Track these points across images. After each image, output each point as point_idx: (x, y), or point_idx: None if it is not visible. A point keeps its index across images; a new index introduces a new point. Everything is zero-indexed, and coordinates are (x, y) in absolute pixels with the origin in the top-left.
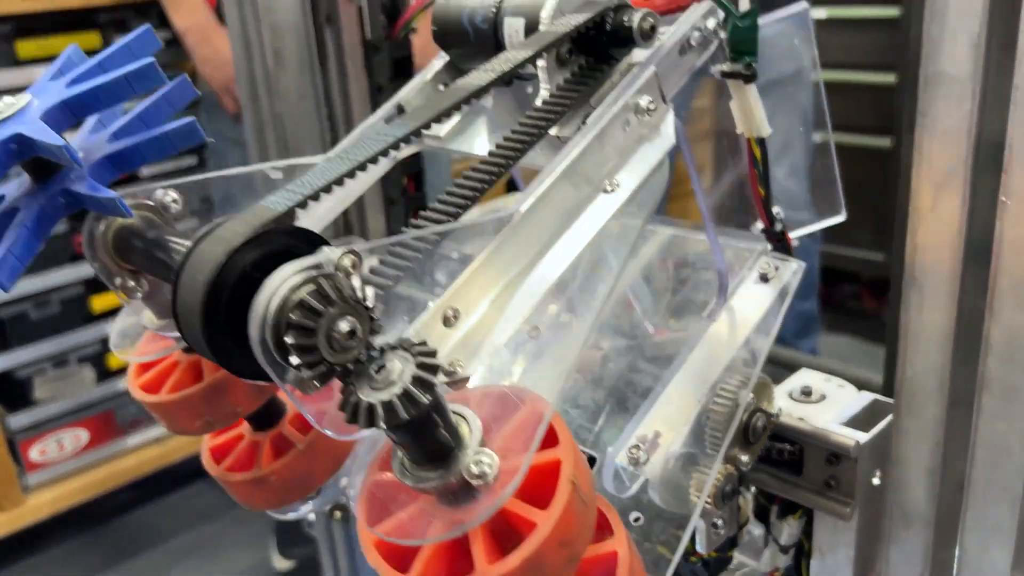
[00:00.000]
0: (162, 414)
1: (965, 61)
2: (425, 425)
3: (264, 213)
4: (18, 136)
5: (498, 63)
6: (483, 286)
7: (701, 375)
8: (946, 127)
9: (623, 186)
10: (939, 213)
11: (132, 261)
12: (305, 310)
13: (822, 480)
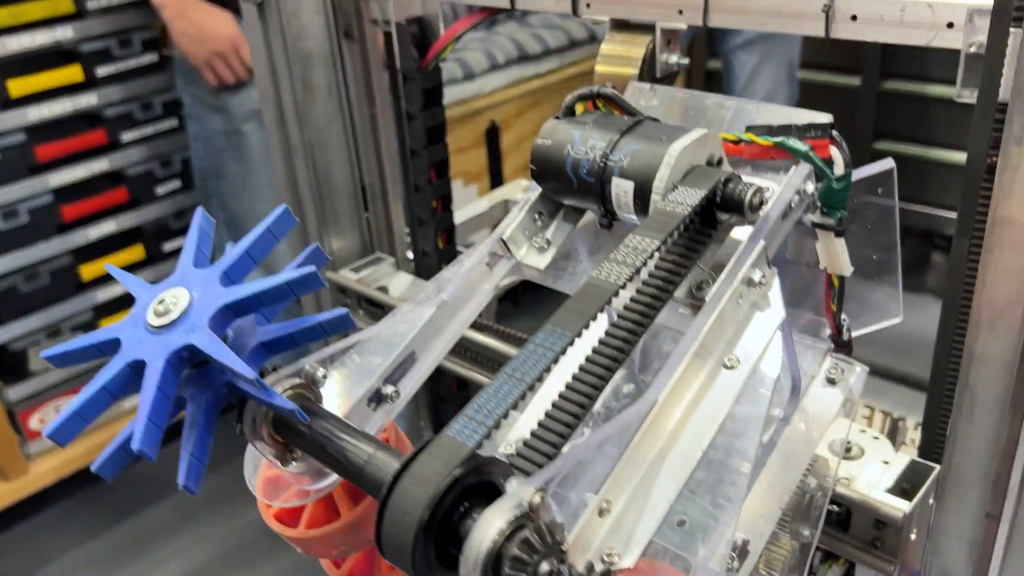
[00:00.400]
0: (300, 544)
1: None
2: None
3: (457, 450)
4: (191, 347)
5: (630, 255)
6: (629, 475)
7: (782, 479)
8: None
9: (743, 362)
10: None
11: (288, 438)
12: (516, 562)
13: (868, 539)
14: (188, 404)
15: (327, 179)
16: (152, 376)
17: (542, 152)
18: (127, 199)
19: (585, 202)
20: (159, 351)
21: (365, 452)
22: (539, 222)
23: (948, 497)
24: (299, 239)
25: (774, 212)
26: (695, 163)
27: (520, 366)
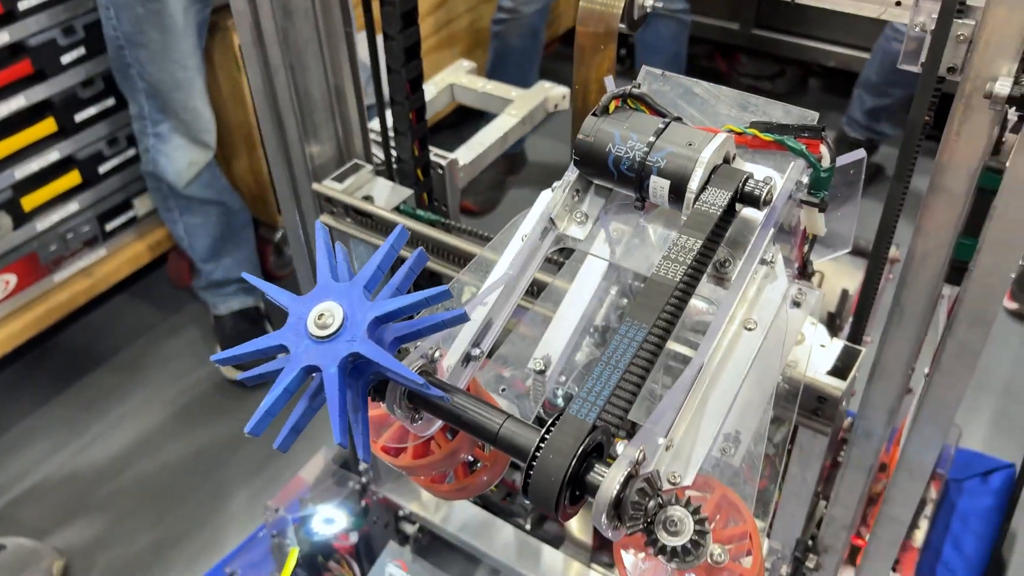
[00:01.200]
0: (406, 470)
1: None
2: (697, 548)
3: (581, 426)
4: (357, 355)
5: (681, 253)
6: (683, 417)
7: (760, 381)
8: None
9: (760, 324)
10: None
11: (426, 409)
12: (636, 506)
13: (811, 409)
14: (348, 392)
15: (306, 95)
16: (331, 380)
17: (586, 146)
18: (32, 71)
19: (623, 189)
20: (331, 359)
21: (495, 422)
22: (576, 198)
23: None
24: (280, 150)
25: (779, 202)
26: (718, 163)
27: (613, 355)
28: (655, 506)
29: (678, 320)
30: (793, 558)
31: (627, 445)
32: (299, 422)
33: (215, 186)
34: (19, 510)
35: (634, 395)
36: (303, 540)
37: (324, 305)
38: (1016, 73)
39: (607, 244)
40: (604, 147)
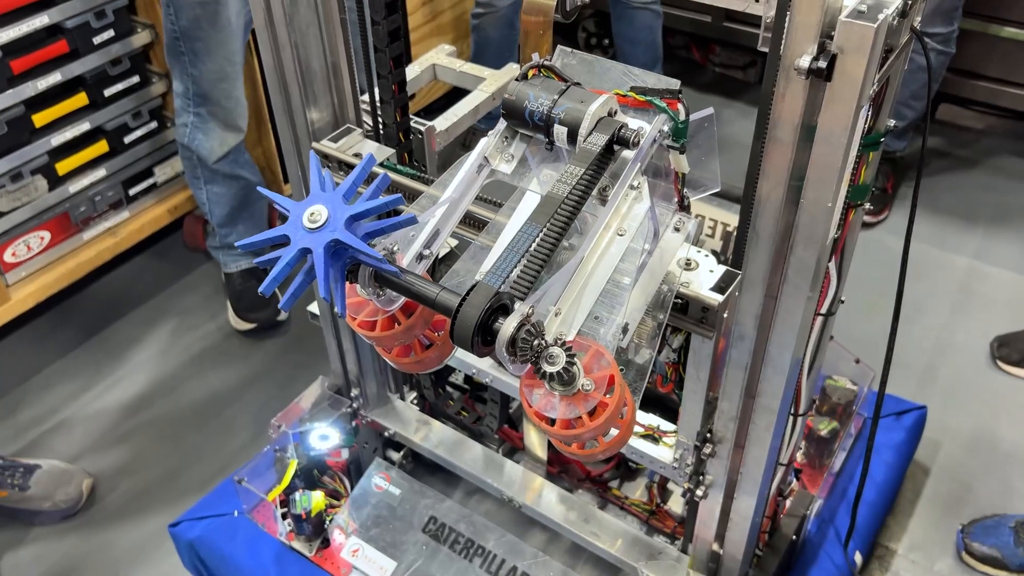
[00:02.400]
0: (374, 340)
1: None
2: (568, 375)
3: (489, 291)
4: (337, 241)
5: (568, 178)
6: (569, 294)
7: (646, 287)
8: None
9: (628, 231)
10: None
11: (386, 285)
12: (524, 341)
13: (698, 319)
14: (331, 269)
15: (308, 69)
16: (319, 257)
17: (510, 103)
18: (68, 50)
19: (536, 134)
20: (319, 242)
21: (433, 291)
22: (506, 142)
23: (745, 291)
24: (286, 115)
25: (646, 144)
26: (602, 115)
27: (515, 243)
28: (539, 344)
29: (570, 224)
30: (695, 448)
31: (520, 303)
32: (297, 289)
33: (240, 162)
34: (52, 439)
35: (531, 273)
36: (301, 455)
37: (314, 207)
38: (816, 53)
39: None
40: (522, 103)
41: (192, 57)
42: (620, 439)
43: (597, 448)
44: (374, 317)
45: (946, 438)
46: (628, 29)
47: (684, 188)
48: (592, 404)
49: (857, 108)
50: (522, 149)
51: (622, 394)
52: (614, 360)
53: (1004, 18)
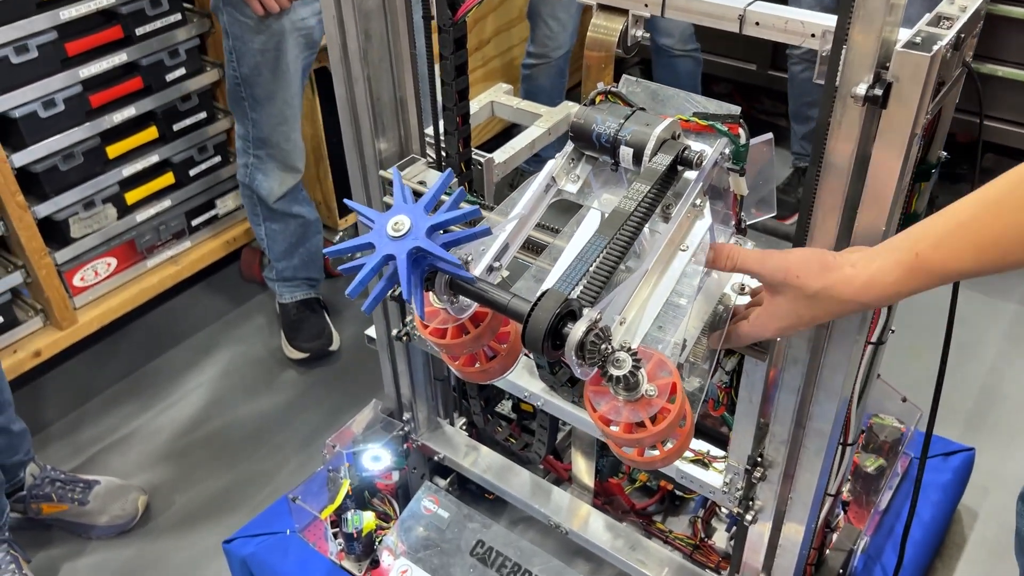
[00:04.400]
0: (444, 348)
1: None
2: (633, 379)
3: (559, 297)
4: (420, 248)
5: (634, 194)
6: (633, 305)
7: (703, 306)
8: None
9: (690, 247)
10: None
11: (460, 292)
12: (593, 345)
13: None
14: (411, 275)
15: (379, 101)
16: (402, 263)
17: (578, 126)
18: (142, 86)
19: (603, 156)
20: (402, 249)
21: (506, 297)
22: (572, 164)
23: None
24: (355, 146)
25: (708, 165)
26: (666, 138)
27: (584, 254)
28: (606, 349)
29: (635, 239)
30: (745, 472)
31: (588, 310)
32: (379, 294)
33: (298, 200)
34: (110, 457)
35: (598, 282)
36: (353, 475)
37: (397, 217)
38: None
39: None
40: (590, 126)
41: (252, 102)
42: (678, 449)
43: (656, 456)
44: (446, 325)
45: (994, 483)
46: (670, 76)
47: (741, 211)
48: (655, 410)
49: (911, 136)
50: (587, 171)
51: (683, 404)
52: (676, 369)
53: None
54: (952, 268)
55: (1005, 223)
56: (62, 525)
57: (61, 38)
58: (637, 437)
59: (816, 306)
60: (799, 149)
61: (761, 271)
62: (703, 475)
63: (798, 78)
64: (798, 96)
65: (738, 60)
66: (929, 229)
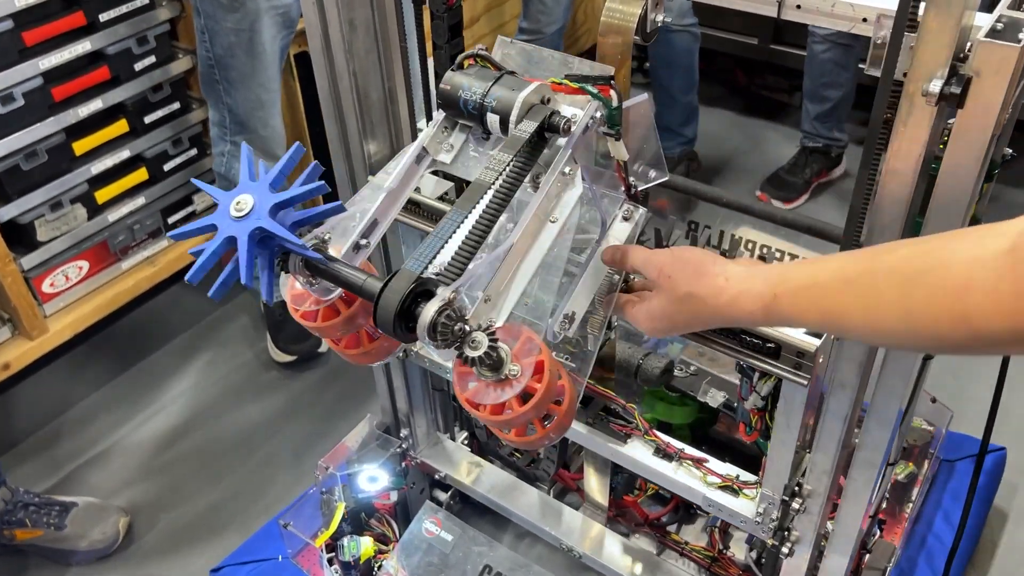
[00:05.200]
0: (317, 331)
1: None
2: (492, 360)
3: (410, 276)
4: (261, 228)
5: (495, 164)
6: (499, 281)
7: (595, 276)
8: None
9: (560, 218)
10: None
11: (315, 273)
12: (444, 326)
13: (792, 364)
14: (259, 258)
15: (366, 98)
16: (242, 245)
17: (444, 92)
18: (109, 76)
19: (472, 123)
20: (243, 230)
21: (360, 277)
22: (446, 133)
23: None
24: (341, 145)
25: (578, 131)
26: (534, 102)
27: (440, 230)
28: (460, 329)
29: (500, 211)
30: (781, 502)
31: (443, 288)
32: (227, 277)
33: None
34: (88, 473)
35: (460, 260)
36: (349, 497)
37: (241, 196)
38: (947, 76)
39: None
40: (457, 93)
41: (227, 85)
42: (558, 426)
43: (536, 435)
44: (316, 307)
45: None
46: (666, 52)
47: (629, 176)
48: (517, 390)
49: (992, 137)
50: (461, 139)
51: (553, 380)
52: (545, 346)
53: None
54: (799, 322)
55: (849, 302)
56: (39, 551)
57: (17, 27)
58: (505, 419)
59: (686, 310)
60: (810, 128)
61: (642, 268)
62: (732, 503)
63: (819, 58)
64: (817, 76)
65: (738, 34)
66: (795, 275)
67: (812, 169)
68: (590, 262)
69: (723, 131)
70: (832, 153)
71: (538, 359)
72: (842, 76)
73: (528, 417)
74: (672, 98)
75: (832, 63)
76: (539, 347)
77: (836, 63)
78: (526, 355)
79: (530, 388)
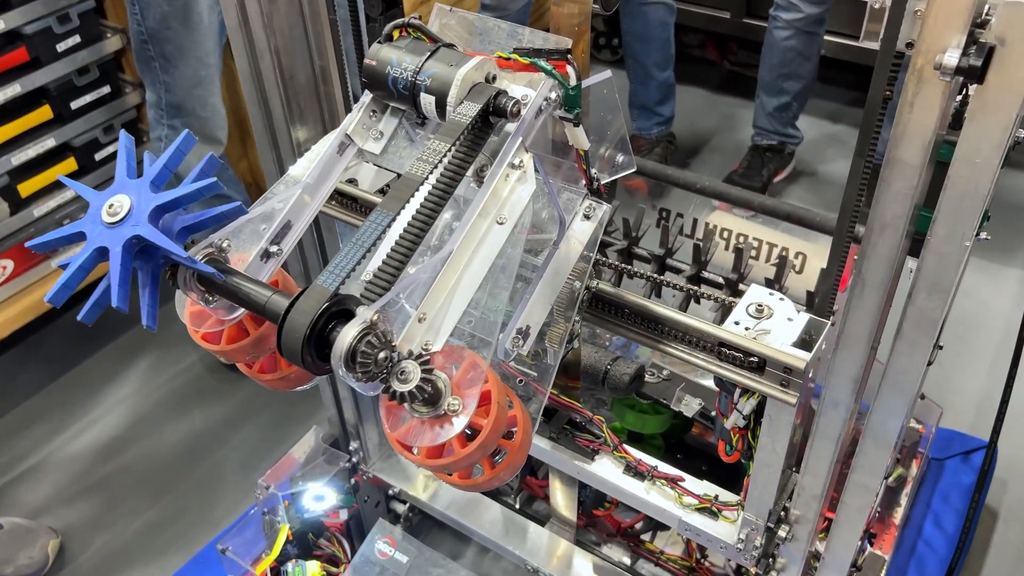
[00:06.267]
0: (222, 355)
1: None
2: (427, 394)
3: (323, 293)
4: (138, 236)
5: (430, 155)
6: (436, 296)
7: (552, 284)
8: None
9: (509, 219)
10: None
11: (210, 289)
12: (364, 355)
13: (778, 381)
14: (139, 272)
15: (292, 79)
16: (115, 257)
17: (370, 69)
18: (28, 58)
19: (404, 106)
20: (117, 240)
21: (264, 295)
22: (374, 118)
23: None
24: (267, 133)
25: (529, 115)
26: (477, 80)
27: (361, 236)
28: (385, 358)
29: (436, 212)
30: (766, 528)
31: (364, 308)
32: (100, 298)
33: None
34: (17, 491)
35: (387, 272)
36: (293, 518)
37: (116, 197)
38: (964, 46)
39: None
40: (384, 69)
41: (163, 62)
42: (510, 465)
43: (484, 477)
44: (219, 328)
45: (1013, 476)
46: (640, 26)
47: (591, 169)
48: (460, 426)
49: (1017, 118)
50: (392, 125)
51: (502, 413)
52: (492, 373)
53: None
54: None
55: None
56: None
57: None
58: (445, 463)
59: None
60: (765, 124)
61: None
62: (711, 526)
63: (779, 45)
64: (776, 66)
65: (710, 8)
66: None
67: (769, 169)
68: (547, 268)
69: (697, 110)
70: (786, 151)
71: (483, 389)
72: (804, 67)
73: (474, 459)
74: (648, 75)
75: (795, 52)
76: (484, 374)
77: (799, 52)
78: (469, 385)
79: (475, 424)
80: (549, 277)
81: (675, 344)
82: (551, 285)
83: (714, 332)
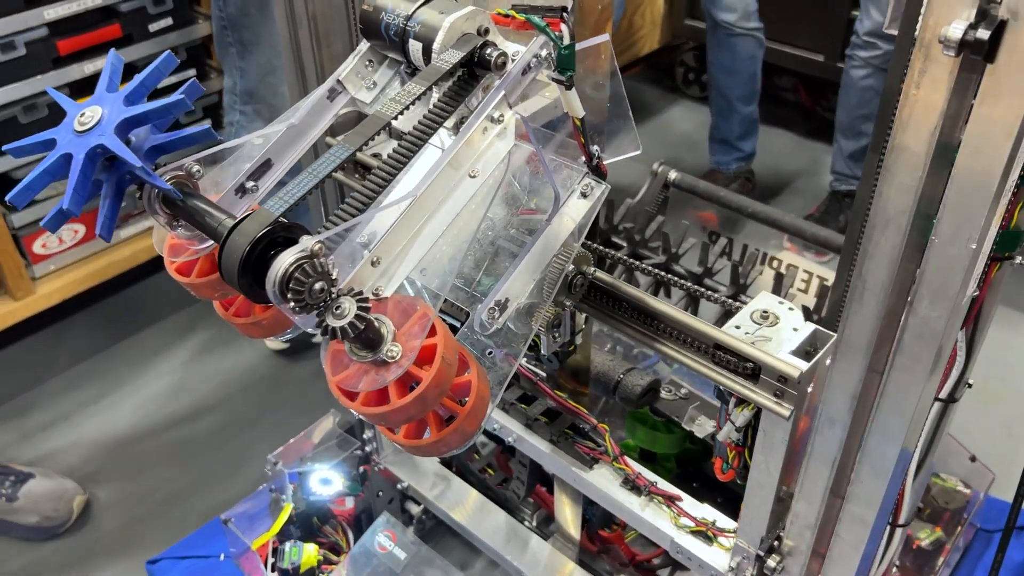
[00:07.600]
0: (192, 289)
1: None
2: (362, 334)
3: (267, 217)
4: (102, 147)
5: (403, 96)
6: (394, 241)
7: (539, 260)
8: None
9: (482, 173)
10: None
11: (172, 210)
12: (298, 281)
13: (772, 391)
14: (104, 185)
15: (328, 46)
16: (76, 164)
17: (367, 15)
18: (120, 35)
19: (396, 54)
20: (81, 147)
21: (217, 219)
22: (370, 68)
23: (841, 360)
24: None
25: (516, 70)
26: (467, 31)
27: (317, 167)
28: (321, 290)
29: (410, 156)
30: (756, 558)
31: (308, 238)
32: (108, 213)
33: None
34: (55, 446)
35: (349, 208)
36: (300, 499)
37: (89, 108)
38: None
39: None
40: (379, 16)
41: (240, 48)
42: (460, 431)
43: (430, 438)
44: (192, 258)
45: None
46: (727, 58)
47: (592, 145)
48: (397, 373)
49: None
50: (387, 77)
51: (447, 371)
52: (446, 331)
53: None
54: None
55: None
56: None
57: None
58: (381, 411)
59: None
60: (844, 169)
61: None
62: (703, 551)
63: (857, 85)
64: (853, 107)
65: (804, 50)
66: None
67: (847, 215)
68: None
69: (782, 152)
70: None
71: (429, 342)
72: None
73: (410, 413)
74: (731, 108)
75: (873, 92)
76: (431, 325)
77: (877, 92)
78: (414, 336)
79: (415, 375)
80: (536, 252)
81: (670, 343)
82: (537, 260)
83: (710, 333)
